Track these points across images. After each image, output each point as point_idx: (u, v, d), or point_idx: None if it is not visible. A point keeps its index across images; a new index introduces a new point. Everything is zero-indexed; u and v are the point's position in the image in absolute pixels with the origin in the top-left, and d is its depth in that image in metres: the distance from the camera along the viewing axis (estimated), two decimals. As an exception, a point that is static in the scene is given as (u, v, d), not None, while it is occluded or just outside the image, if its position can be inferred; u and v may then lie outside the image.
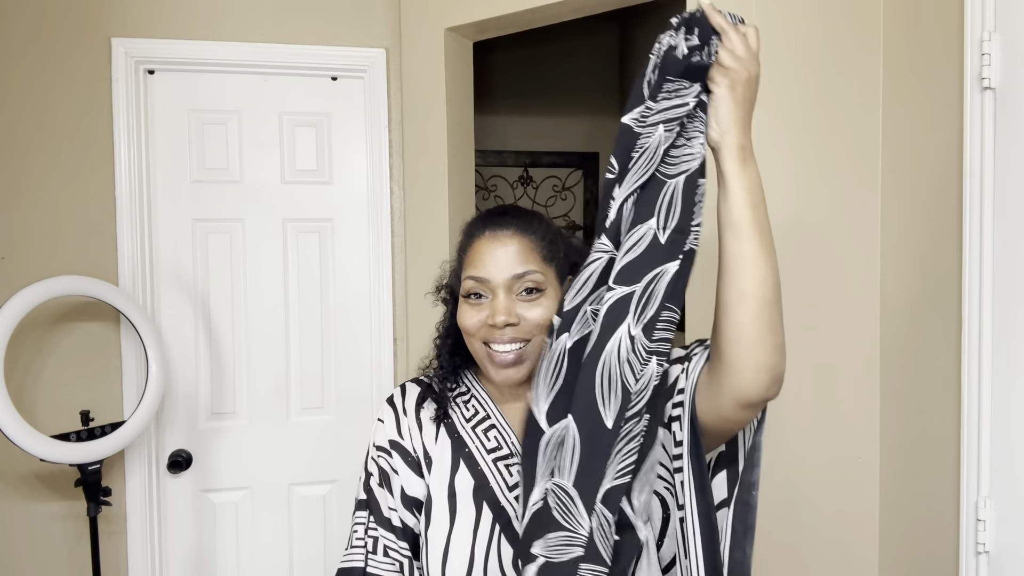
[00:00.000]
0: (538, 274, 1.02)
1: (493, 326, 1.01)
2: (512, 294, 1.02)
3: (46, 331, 1.99)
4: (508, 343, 1.02)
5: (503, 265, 1.02)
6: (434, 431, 1.09)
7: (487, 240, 1.04)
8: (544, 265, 1.04)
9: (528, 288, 1.02)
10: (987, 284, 1.29)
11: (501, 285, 1.01)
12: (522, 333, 1.02)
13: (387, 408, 1.13)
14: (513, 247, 1.03)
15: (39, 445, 1.68)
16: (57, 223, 1.99)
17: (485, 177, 3.62)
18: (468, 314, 1.04)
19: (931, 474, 1.45)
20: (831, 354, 1.59)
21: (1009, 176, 1.25)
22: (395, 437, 1.10)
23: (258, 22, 2.11)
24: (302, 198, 2.19)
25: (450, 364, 1.14)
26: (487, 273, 1.02)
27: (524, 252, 1.03)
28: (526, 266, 1.02)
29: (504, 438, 1.08)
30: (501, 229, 1.04)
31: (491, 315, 1.01)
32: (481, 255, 1.03)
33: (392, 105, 2.19)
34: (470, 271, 1.04)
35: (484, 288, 1.02)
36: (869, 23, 1.58)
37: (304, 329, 2.20)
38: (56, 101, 1.99)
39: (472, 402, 1.12)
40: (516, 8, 1.90)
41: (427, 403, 1.12)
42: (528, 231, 1.05)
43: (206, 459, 2.14)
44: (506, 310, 1.00)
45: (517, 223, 1.05)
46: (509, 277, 1.01)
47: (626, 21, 3.57)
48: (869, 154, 1.59)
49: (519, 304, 1.02)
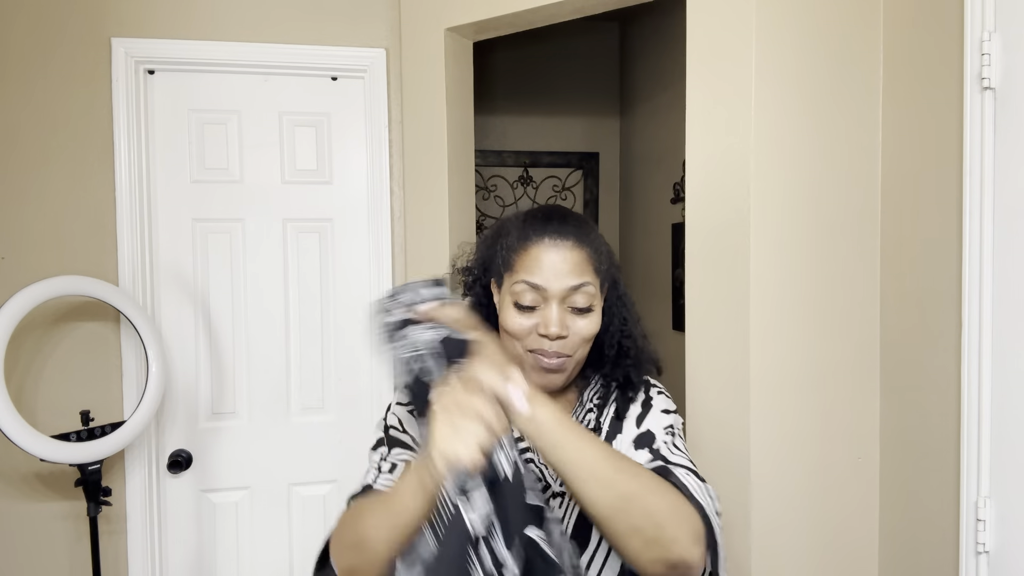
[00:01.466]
0: (592, 287, 1.02)
1: (544, 336, 1.00)
2: (564, 305, 1.01)
3: (46, 331, 1.99)
4: (554, 357, 1.02)
5: (562, 276, 1.00)
6: None
7: (547, 247, 1.01)
8: (595, 278, 1.03)
9: (581, 304, 1.01)
10: (987, 284, 1.29)
11: (556, 296, 1.00)
12: (568, 347, 1.02)
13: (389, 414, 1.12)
14: (572, 259, 1.01)
15: (39, 445, 1.68)
16: (57, 223, 2.00)
17: (485, 177, 3.62)
18: (517, 319, 1.02)
19: (931, 474, 1.45)
20: (831, 354, 1.60)
21: (1009, 176, 1.25)
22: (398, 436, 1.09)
23: (258, 22, 2.11)
24: (302, 198, 2.19)
25: None
26: (545, 282, 1.00)
27: (582, 264, 1.01)
28: (582, 278, 1.01)
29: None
30: (562, 238, 1.01)
31: (543, 325, 1.00)
32: (539, 262, 1.00)
33: (392, 105, 2.19)
34: (525, 276, 1.01)
35: (536, 295, 1.01)
36: (869, 23, 1.58)
37: (304, 329, 2.20)
38: (56, 101, 1.99)
39: None
40: (516, 8, 1.90)
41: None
42: (586, 243, 1.03)
43: (206, 459, 2.14)
44: (560, 322, 1.00)
45: (577, 233, 1.03)
46: (565, 288, 1.00)
47: (626, 21, 3.57)
48: (869, 154, 1.59)
49: (569, 316, 1.01)
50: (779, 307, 1.56)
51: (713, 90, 1.58)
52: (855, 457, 1.61)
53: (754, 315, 1.54)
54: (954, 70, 1.37)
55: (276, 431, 2.19)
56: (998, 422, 1.29)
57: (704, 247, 1.62)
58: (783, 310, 1.57)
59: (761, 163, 1.54)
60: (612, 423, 1.09)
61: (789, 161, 1.56)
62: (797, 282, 1.57)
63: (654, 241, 3.20)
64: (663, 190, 3.06)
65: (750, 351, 1.55)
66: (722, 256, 1.58)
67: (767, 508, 1.57)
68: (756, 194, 1.53)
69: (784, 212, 1.56)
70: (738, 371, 1.56)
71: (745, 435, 1.56)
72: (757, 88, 1.53)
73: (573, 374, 1.07)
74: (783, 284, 1.56)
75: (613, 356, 1.11)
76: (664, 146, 3.07)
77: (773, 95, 1.54)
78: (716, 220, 1.59)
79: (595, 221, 3.71)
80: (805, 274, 1.57)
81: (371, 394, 2.22)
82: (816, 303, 1.58)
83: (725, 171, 1.57)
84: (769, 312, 1.56)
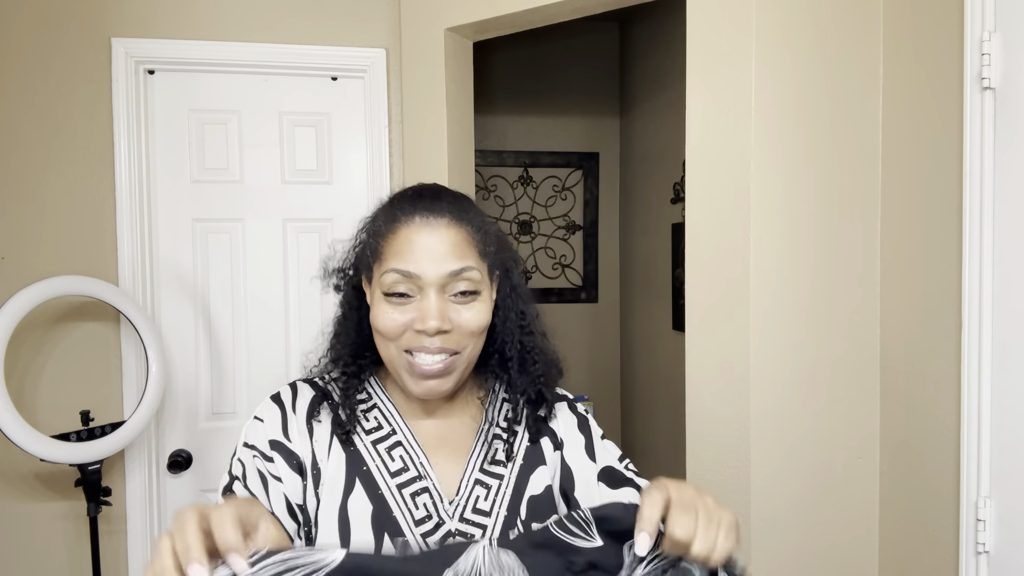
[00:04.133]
0: (475, 271, 0.87)
1: (422, 332, 0.85)
2: (444, 294, 0.86)
3: (46, 331, 1.99)
4: (436, 353, 0.86)
5: (438, 259, 0.85)
6: (327, 442, 0.90)
7: (418, 227, 0.86)
8: (480, 261, 0.89)
9: (463, 288, 0.87)
10: (987, 284, 1.29)
11: (433, 284, 0.85)
12: (452, 343, 0.87)
13: (270, 405, 0.93)
14: (449, 239, 0.86)
15: (39, 445, 1.68)
16: (57, 223, 2.00)
17: (485, 177, 3.62)
18: (388, 315, 0.86)
19: (931, 474, 1.45)
20: (831, 354, 1.59)
21: (1009, 176, 1.25)
22: (279, 437, 0.90)
23: (258, 22, 2.11)
24: (302, 198, 2.19)
25: (352, 367, 0.95)
26: (417, 268, 0.85)
27: (461, 245, 0.87)
28: (463, 262, 0.86)
29: (412, 459, 0.91)
30: (435, 216, 0.87)
31: (420, 319, 0.85)
32: (410, 245, 0.85)
33: (392, 105, 2.19)
34: (394, 263, 0.86)
35: (410, 285, 0.85)
36: (869, 23, 1.58)
37: (304, 329, 2.20)
38: (56, 101, 1.99)
39: (375, 413, 0.94)
40: (516, 8, 1.90)
41: (323, 411, 0.93)
42: (465, 220, 0.89)
43: (206, 459, 2.14)
44: (439, 314, 0.85)
45: (452, 209, 0.89)
46: (444, 274, 0.85)
47: (626, 21, 3.57)
48: (869, 154, 1.59)
49: (451, 306, 0.87)
50: (779, 307, 1.56)
51: (713, 90, 1.58)
52: (855, 457, 1.61)
53: (754, 315, 1.54)
54: (954, 70, 1.37)
55: (276, 431, 2.18)
56: (998, 422, 1.29)
57: (704, 247, 1.62)
58: (783, 310, 1.57)
59: (761, 163, 1.54)
60: (529, 452, 0.95)
61: (789, 161, 1.56)
62: (797, 282, 1.57)
63: (654, 241, 3.20)
64: (663, 190, 3.06)
65: (750, 351, 1.55)
66: (722, 256, 1.58)
67: (767, 508, 1.57)
68: (756, 194, 1.53)
69: (784, 212, 1.56)
70: (738, 371, 1.56)
71: (745, 435, 1.56)
72: (757, 88, 1.53)
73: (463, 377, 0.92)
74: (783, 284, 1.56)
75: (516, 358, 0.95)
76: (664, 146, 3.07)
77: (773, 95, 1.54)
78: (716, 220, 1.59)
79: (595, 221, 3.71)
80: (805, 274, 1.57)
81: (371, 394, 2.22)
82: (816, 303, 1.58)
83: (725, 171, 1.57)
84: (769, 312, 1.56)
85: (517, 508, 0.91)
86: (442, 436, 0.95)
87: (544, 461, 0.95)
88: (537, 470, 0.94)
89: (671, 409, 2.98)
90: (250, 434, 0.92)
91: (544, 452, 0.96)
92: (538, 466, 0.94)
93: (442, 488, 0.90)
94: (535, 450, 0.96)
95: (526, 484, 0.93)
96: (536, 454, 0.95)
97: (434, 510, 0.89)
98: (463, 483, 0.91)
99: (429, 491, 0.89)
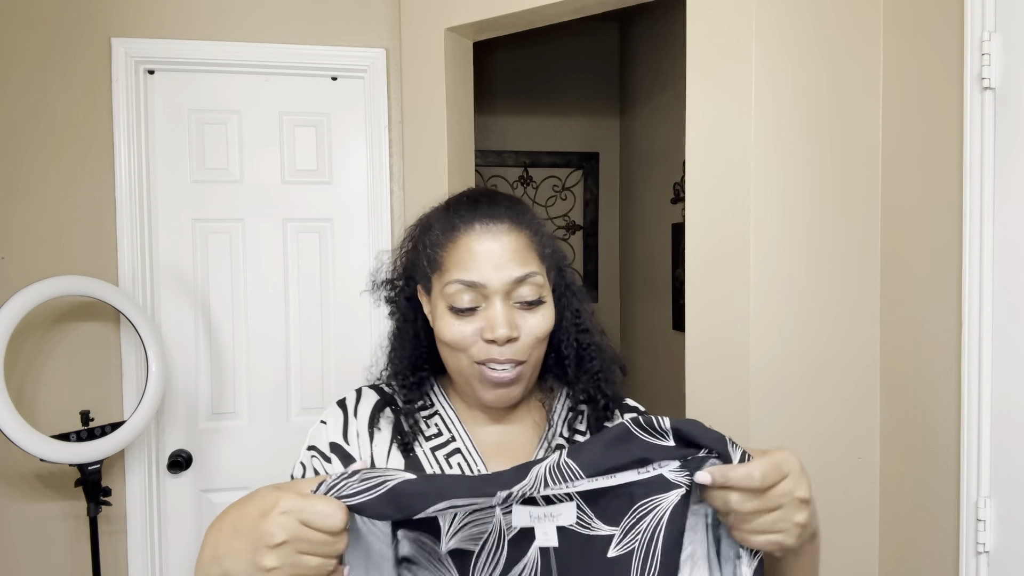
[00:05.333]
0: (539, 276, 0.86)
1: (492, 341, 0.83)
2: (509, 301, 0.85)
3: (46, 331, 1.99)
4: (505, 363, 0.85)
5: (500, 267, 0.83)
6: (386, 448, 0.90)
7: (479, 235, 0.85)
8: (541, 265, 0.88)
9: (528, 294, 0.85)
10: (987, 284, 1.29)
11: (498, 292, 0.84)
12: (521, 352, 0.85)
13: (335, 410, 0.95)
14: (510, 244, 0.85)
15: (39, 445, 1.68)
16: (57, 223, 1.99)
17: (485, 177, 3.62)
18: (455, 327, 0.85)
19: (931, 474, 1.45)
20: (831, 354, 1.59)
21: (1009, 176, 1.25)
22: (339, 440, 0.91)
23: (258, 22, 2.11)
24: (302, 198, 2.19)
25: (413, 378, 0.94)
26: (481, 277, 0.83)
27: (522, 250, 0.85)
28: (526, 267, 0.85)
29: (470, 468, 0.89)
30: (495, 222, 0.85)
31: (488, 328, 0.83)
32: (471, 254, 0.84)
33: (392, 105, 2.19)
34: (457, 273, 0.84)
35: (475, 294, 0.84)
36: (869, 23, 1.58)
37: (304, 329, 2.20)
38: (56, 101, 1.99)
39: (436, 419, 0.93)
40: (516, 8, 1.90)
41: (384, 417, 0.93)
42: (524, 225, 0.87)
43: (206, 459, 2.14)
44: (507, 322, 0.83)
45: (511, 214, 0.87)
46: (508, 281, 0.84)
47: (626, 21, 3.57)
48: (869, 154, 1.59)
49: (517, 313, 0.85)
50: (779, 307, 1.56)
51: (713, 90, 1.58)
52: (855, 457, 1.61)
53: (754, 315, 1.54)
54: (954, 70, 1.37)
55: (276, 431, 2.18)
56: (998, 422, 1.29)
57: (704, 247, 1.62)
58: (783, 310, 1.57)
59: (761, 163, 1.54)
60: None
61: (789, 161, 1.56)
62: (797, 282, 1.57)
63: (654, 241, 3.20)
64: (663, 190, 3.06)
65: (750, 351, 1.55)
66: (722, 256, 1.58)
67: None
68: (756, 194, 1.53)
69: (784, 212, 1.56)
70: (738, 371, 1.56)
71: (745, 435, 1.56)
72: (757, 88, 1.53)
73: (531, 384, 0.91)
74: (783, 284, 1.56)
75: (573, 357, 0.94)
76: (664, 146, 3.07)
77: (773, 95, 1.54)
78: (716, 220, 1.59)
79: (595, 221, 3.71)
80: (805, 274, 1.57)
81: (371, 394, 2.22)
82: (816, 303, 1.58)
83: (725, 171, 1.57)
84: (769, 312, 1.56)
85: None
86: (502, 444, 0.92)
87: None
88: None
89: (671, 409, 2.98)
90: (314, 436, 0.93)
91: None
92: None
93: None
94: None
95: None
96: None
97: None
98: None
99: None
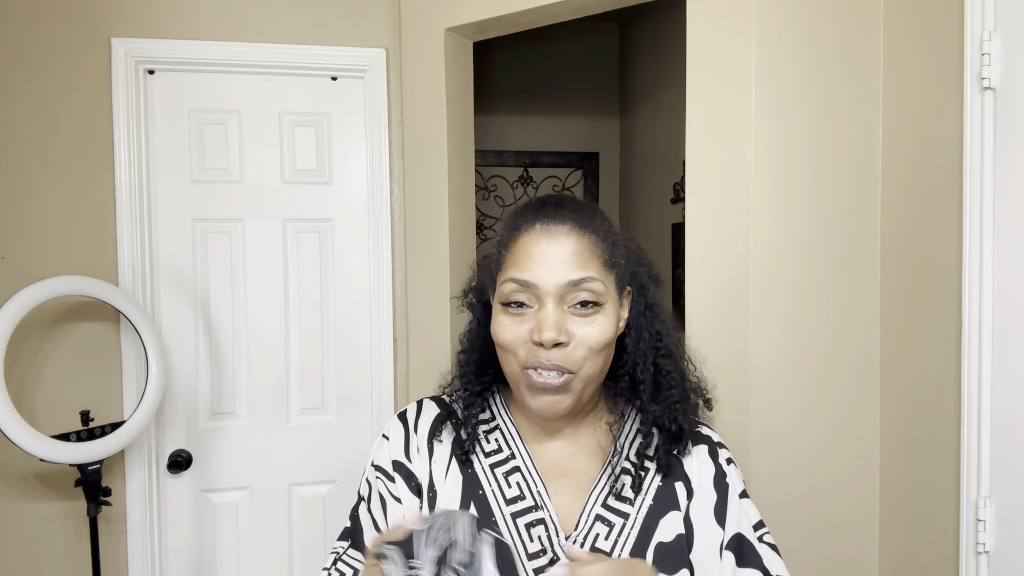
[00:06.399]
0: (598, 283, 0.82)
1: (539, 344, 0.81)
2: (563, 305, 0.82)
3: (46, 331, 1.99)
4: (552, 369, 0.81)
5: (555, 268, 0.81)
6: (445, 462, 0.89)
7: (537, 235, 0.83)
8: (605, 273, 0.84)
9: (584, 300, 0.81)
10: (987, 284, 1.29)
11: (551, 293, 0.81)
12: (571, 361, 0.82)
13: (396, 424, 0.94)
14: (569, 246, 0.82)
15: (39, 445, 1.68)
16: (57, 223, 2.00)
17: (485, 177, 3.62)
18: (506, 326, 0.83)
19: (931, 474, 1.45)
20: (831, 354, 1.59)
21: (1009, 176, 1.25)
22: (401, 458, 0.90)
23: (258, 22, 2.11)
24: (302, 198, 2.19)
25: (476, 385, 0.93)
26: (535, 276, 0.81)
27: (582, 254, 0.82)
28: (584, 271, 0.82)
29: (529, 487, 0.87)
30: (556, 223, 0.83)
31: (536, 329, 0.81)
32: (528, 253, 0.82)
33: (392, 105, 2.19)
34: (512, 272, 0.83)
35: (529, 295, 0.82)
36: (869, 23, 1.58)
37: (304, 329, 2.20)
38: (56, 101, 1.99)
39: (496, 434, 0.91)
40: (516, 8, 1.90)
41: (445, 430, 0.92)
42: (589, 228, 0.85)
43: (206, 459, 2.14)
44: (556, 325, 0.80)
45: (576, 217, 0.85)
46: (563, 283, 0.81)
47: (626, 21, 3.57)
48: (869, 154, 1.59)
49: (570, 318, 0.82)
50: (779, 307, 1.56)
51: (713, 90, 1.58)
52: (855, 457, 1.61)
53: (754, 315, 1.54)
54: (954, 70, 1.37)
55: (276, 431, 2.19)
56: (998, 422, 1.29)
57: (704, 247, 1.62)
58: (783, 310, 1.57)
59: (761, 163, 1.54)
60: (661, 492, 0.88)
61: (789, 161, 1.56)
62: (797, 282, 1.57)
63: (654, 241, 3.20)
64: (663, 190, 3.06)
65: (750, 351, 1.55)
66: (722, 256, 1.58)
67: (767, 508, 1.57)
68: (756, 194, 1.53)
69: (784, 212, 1.56)
70: (738, 371, 1.56)
71: (745, 435, 1.56)
72: (757, 88, 1.53)
73: (584, 399, 0.87)
74: (783, 284, 1.56)
75: (649, 382, 0.90)
76: (664, 146, 3.07)
77: (773, 95, 1.54)
78: (716, 220, 1.59)
79: (595, 221, 3.71)
80: (805, 274, 1.57)
81: (371, 394, 2.22)
82: (816, 303, 1.58)
83: (725, 171, 1.57)
84: (769, 312, 1.56)
85: (643, 553, 0.84)
86: (564, 464, 0.90)
87: (678, 506, 0.88)
88: (669, 514, 0.87)
89: (671, 409, 2.97)
90: (378, 454, 0.93)
91: (678, 496, 0.89)
92: (670, 510, 0.87)
93: (560, 521, 0.86)
94: (668, 491, 0.88)
95: (655, 527, 0.86)
96: (669, 495, 0.88)
97: (548, 544, 0.84)
98: (583, 517, 0.86)
99: (545, 523, 0.85)
